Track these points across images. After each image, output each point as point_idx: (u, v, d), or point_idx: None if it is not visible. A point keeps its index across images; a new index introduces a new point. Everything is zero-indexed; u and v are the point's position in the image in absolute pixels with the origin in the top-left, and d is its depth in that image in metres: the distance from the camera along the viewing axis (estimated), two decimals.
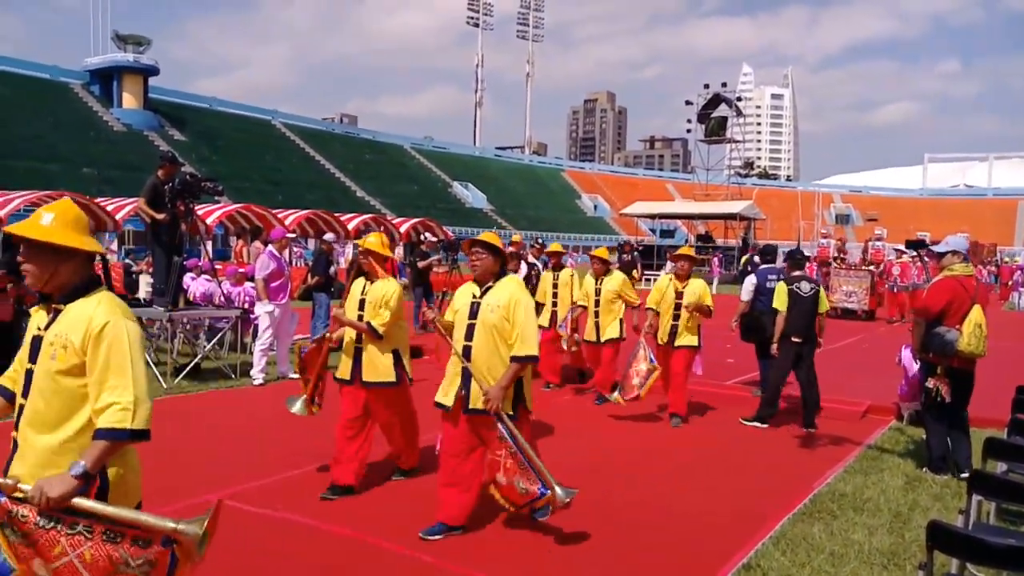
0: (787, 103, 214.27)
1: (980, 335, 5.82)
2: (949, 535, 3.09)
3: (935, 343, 5.92)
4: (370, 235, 5.67)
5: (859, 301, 18.89)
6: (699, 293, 7.70)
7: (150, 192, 9.08)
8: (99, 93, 60.12)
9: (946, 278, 6.10)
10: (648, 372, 7.39)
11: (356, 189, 68.76)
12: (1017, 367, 11.38)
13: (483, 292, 4.61)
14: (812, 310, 7.67)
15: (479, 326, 4.51)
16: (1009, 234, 75.17)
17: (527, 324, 4.47)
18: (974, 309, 5.87)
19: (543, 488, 4.28)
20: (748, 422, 7.80)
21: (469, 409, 4.52)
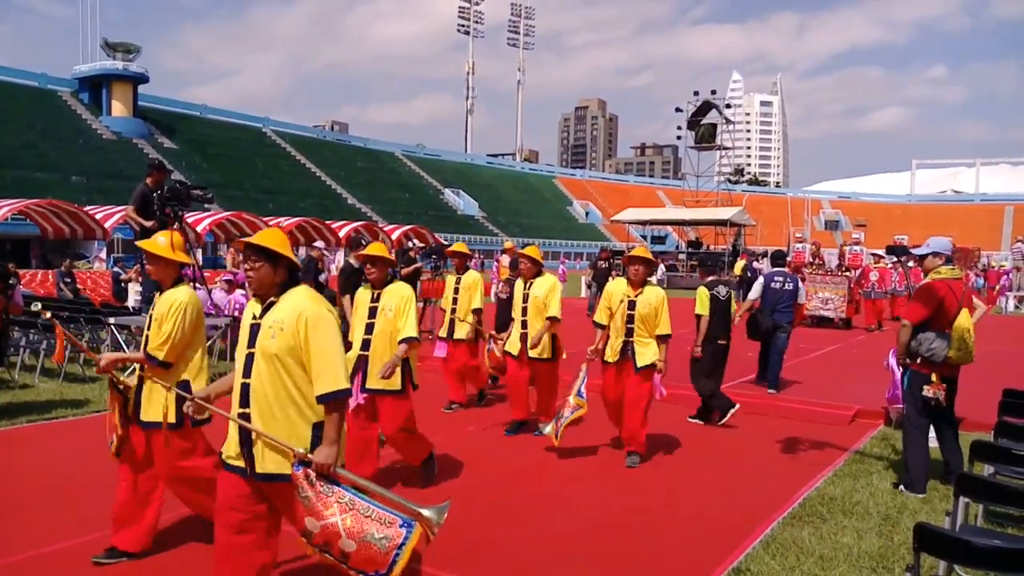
0: (776, 110, 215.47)
1: (969, 340, 5.72)
2: (936, 537, 3.10)
3: (924, 348, 5.78)
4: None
5: (836, 308, 17.70)
6: (655, 304, 6.43)
7: (139, 200, 9.07)
8: (88, 101, 60.02)
9: (934, 281, 5.92)
10: (573, 408, 6.29)
11: (347, 196, 68.73)
12: (1004, 370, 11.45)
13: (263, 311, 3.40)
14: (729, 313, 8.19)
15: (257, 356, 3.34)
16: (996, 239, 75.66)
17: (328, 352, 3.28)
18: (962, 314, 5.75)
19: (406, 521, 3.10)
20: (694, 419, 8.14)
21: (258, 474, 3.34)
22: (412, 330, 5.47)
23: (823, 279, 18.01)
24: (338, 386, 3.26)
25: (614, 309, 6.51)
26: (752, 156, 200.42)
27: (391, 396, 5.44)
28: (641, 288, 6.52)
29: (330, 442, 3.26)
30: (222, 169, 60.21)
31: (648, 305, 6.43)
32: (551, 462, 6.56)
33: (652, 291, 6.52)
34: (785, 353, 9.49)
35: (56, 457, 6.41)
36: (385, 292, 5.51)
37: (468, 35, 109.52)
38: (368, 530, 3.01)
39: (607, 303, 6.61)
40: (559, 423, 6.32)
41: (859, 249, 19.96)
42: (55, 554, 4.36)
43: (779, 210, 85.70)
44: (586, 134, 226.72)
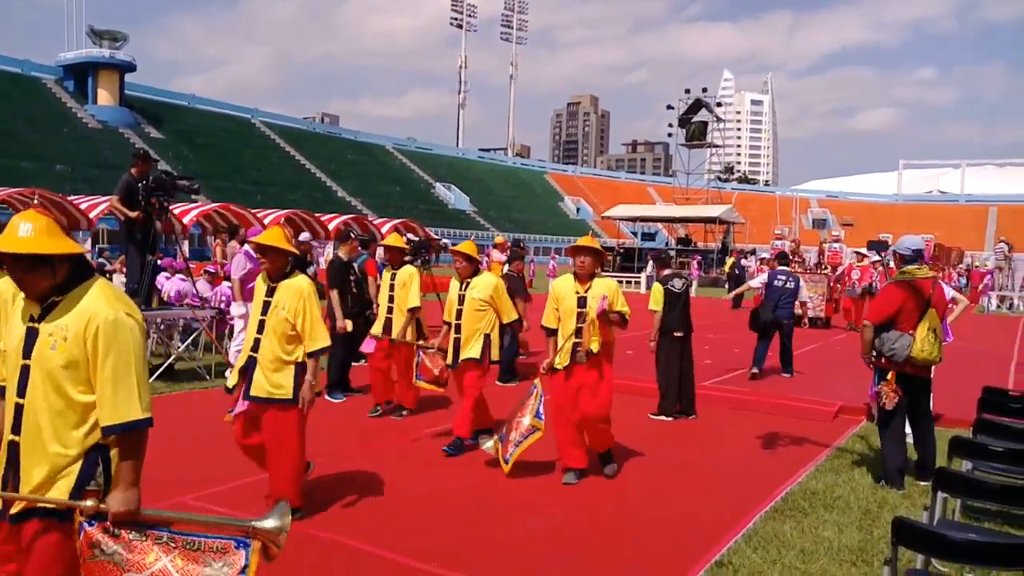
0: (767, 109, 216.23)
1: (934, 341, 5.71)
2: (913, 531, 3.13)
3: (886, 348, 5.80)
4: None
5: (815, 307, 16.85)
6: (609, 297, 5.67)
7: (124, 190, 8.99)
8: (73, 89, 59.53)
9: (899, 281, 5.96)
10: (529, 430, 5.66)
11: (337, 189, 68.52)
12: (984, 368, 11.57)
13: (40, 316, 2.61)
14: (687, 305, 8.25)
15: (33, 367, 2.59)
16: (980, 239, 76.26)
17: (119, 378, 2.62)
18: (928, 313, 5.74)
19: (240, 542, 2.61)
20: (655, 416, 8.19)
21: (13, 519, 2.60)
22: (321, 339, 4.73)
23: (802, 277, 17.80)
24: (127, 418, 2.68)
25: (562, 309, 5.77)
26: (742, 154, 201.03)
27: (276, 406, 4.68)
28: (590, 282, 5.75)
29: (127, 485, 2.67)
30: (210, 160, 59.88)
31: (599, 300, 5.61)
32: (531, 462, 6.57)
33: (602, 284, 5.75)
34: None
35: None
36: (280, 287, 4.75)
37: (461, 29, 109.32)
38: (203, 565, 2.53)
39: (554, 303, 5.83)
40: (507, 446, 5.70)
41: (838, 247, 19.50)
42: None
43: (768, 208, 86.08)
44: (578, 130, 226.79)
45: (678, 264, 36.89)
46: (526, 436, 5.63)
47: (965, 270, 29.99)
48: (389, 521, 4.87)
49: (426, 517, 4.97)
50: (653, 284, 8.37)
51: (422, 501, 5.28)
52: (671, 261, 9.15)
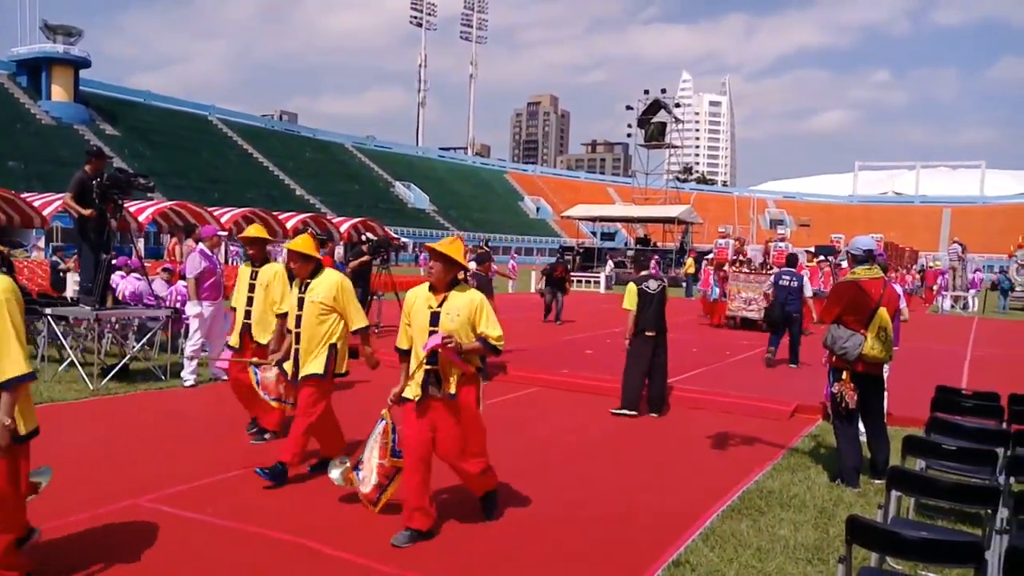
0: (725, 110, 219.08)
1: (884, 339, 5.83)
2: (867, 529, 3.19)
3: (837, 347, 5.91)
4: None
5: (759, 310, 16.14)
6: (468, 314, 4.54)
7: (77, 187, 8.79)
8: (26, 85, 58.00)
9: (844, 282, 6.12)
10: (391, 471, 4.71)
11: (296, 187, 67.74)
12: (938, 368, 11.85)
13: None
14: (661, 305, 8.40)
15: None
16: (934, 240, 78.21)
17: None
18: (878, 313, 5.85)
19: None
20: (616, 412, 8.27)
21: None
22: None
23: (746, 278, 16.72)
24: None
25: (413, 326, 4.71)
26: (701, 155, 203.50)
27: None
28: (446, 293, 4.62)
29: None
30: (166, 157, 58.77)
31: (456, 317, 4.52)
32: (493, 458, 6.55)
33: (461, 299, 4.56)
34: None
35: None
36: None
37: (420, 27, 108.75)
38: None
39: (405, 318, 4.81)
40: (372, 490, 4.74)
41: (784, 246, 18.00)
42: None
43: (726, 209, 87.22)
44: (538, 130, 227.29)
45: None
46: (390, 478, 4.71)
47: (919, 271, 30.66)
48: (343, 521, 4.81)
49: (382, 516, 4.92)
50: (628, 284, 8.52)
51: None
52: (648, 263, 9.38)
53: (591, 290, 31.88)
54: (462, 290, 4.64)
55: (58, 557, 4.13)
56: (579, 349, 12.69)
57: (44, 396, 7.83)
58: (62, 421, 7.11)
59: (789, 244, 18.26)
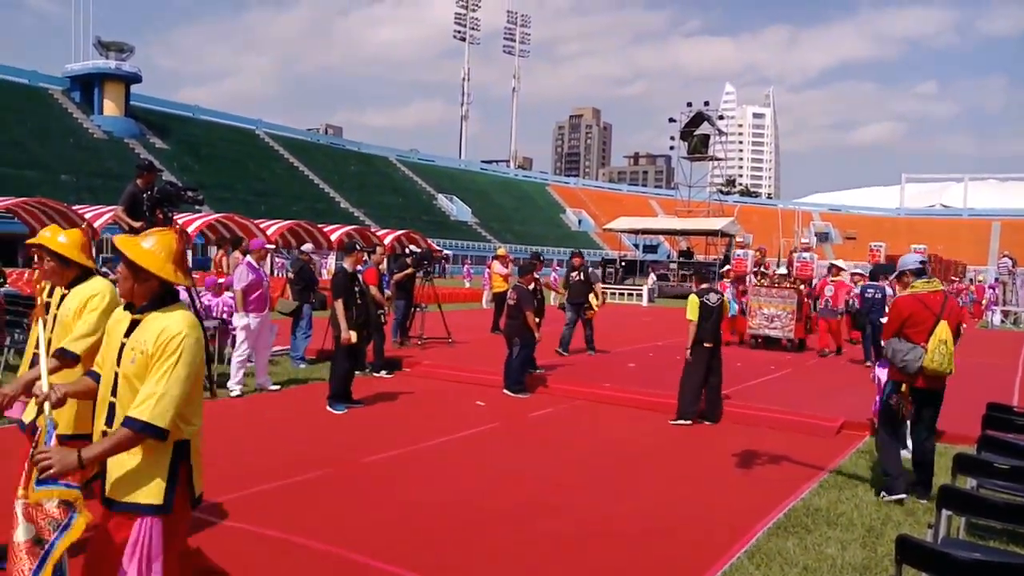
0: (768, 122, 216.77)
1: (945, 352, 5.77)
2: (918, 550, 3.12)
3: (898, 360, 5.90)
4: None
5: (783, 327, 14.76)
6: (162, 344, 2.80)
7: (128, 200, 9.02)
8: (79, 100, 59.82)
9: (903, 296, 6.12)
10: (65, 513, 2.63)
11: (340, 200, 68.65)
12: (989, 384, 11.53)
13: None
14: (720, 318, 8.63)
15: None
16: (983, 253, 76.19)
17: None
18: (939, 325, 5.81)
19: None
20: (674, 422, 8.41)
21: None
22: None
23: (768, 292, 15.08)
24: None
25: (105, 361, 3.00)
26: (744, 167, 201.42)
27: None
28: (146, 314, 2.90)
29: None
30: (214, 171, 60.04)
31: (137, 358, 2.82)
32: (530, 469, 6.56)
33: (158, 322, 2.85)
34: None
35: None
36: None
37: (464, 41, 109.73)
38: None
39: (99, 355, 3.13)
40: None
41: (808, 257, 16.38)
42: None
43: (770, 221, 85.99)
44: (580, 142, 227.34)
45: (680, 277, 37.21)
46: (65, 525, 2.60)
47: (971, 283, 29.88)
48: (385, 532, 4.85)
49: (425, 527, 4.95)
50: (690, 296, 8.70)
51: (420, 511, 5.25)
52: (709, 276, 9.46)
53: (633, 303, 31.70)
54: (169, 311, 2.90)
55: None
56: (622, 362, 12.61)
57: None
58: None
59: (815, 255, 16.86)
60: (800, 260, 16.17)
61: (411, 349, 12.56)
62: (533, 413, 8.80)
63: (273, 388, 9.36)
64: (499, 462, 6.73)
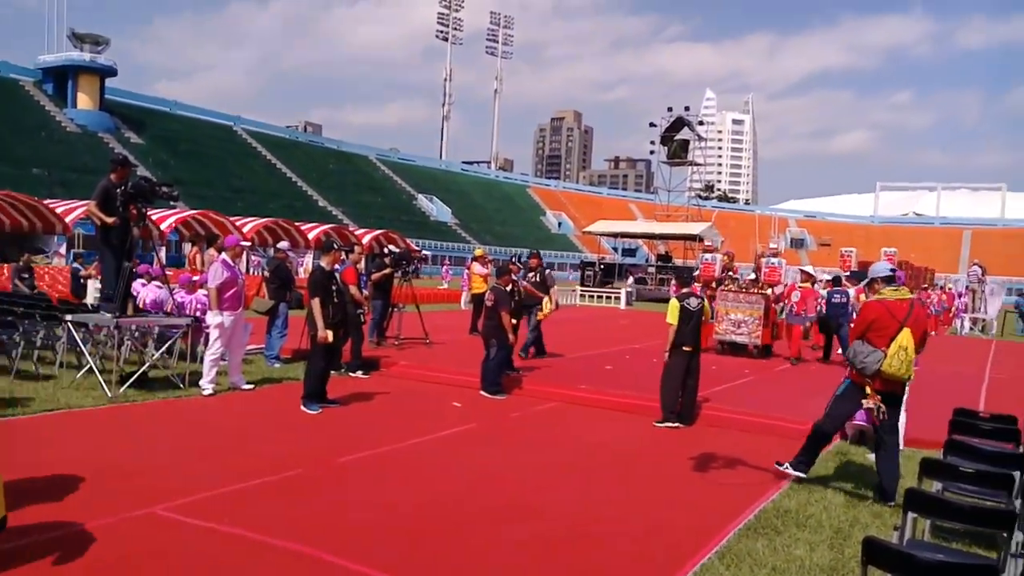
0: (747, 128, 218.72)
1: (904, 358, 5.91)
2: (884, 551, 3.16)
3: (857, 361, 6.09)
4: None
5: (750, 333, 14.54)
6: None
7: (101, 195, 8.92)
8: (52, 92, 58.86)
9: (871, 301, 6.31)
10: None
11: (319, 198, 68.22)
12: (956, 390, 11.71)
13: None
14: (699, 323, 8.67)
15: None
16: (954, 261, 77.31)
17: None
18: (902, 332, 5.94)
19: None
20: (659, 424, 8.52)
21: None
22: None
23: (735, 297, 14.85)
24: None
25: None
26: (723, 173, 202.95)
27: None
28: None
29: None
30: (190, 167, 59.39)
31: None
32: (506, 471, 6.57)
33: None
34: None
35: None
36: None
37: (446, 41, 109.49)
38: None
39: None
40: None
41: (776, 262, 15.96)
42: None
43: (747, 227, 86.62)
44: (561, 145, 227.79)
45: (658, 281, 37.41)
46: None
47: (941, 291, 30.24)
48: (361, 533, 4.83)
49: (400, 529, 4.94)
50: (671, 300, 8.77)
51: (396, 513, 5.24)
52: (691, 280, 9.54)
53: (611, 305, 31.82)
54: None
55: (73, 565, 4.17)
56: (598, 364, 12.66)
57: (62, 403, 7.93)
58: (79, 428, 7.20)
59: (783, 260, 16.51)
60: (768, 265, 15.73)
61: (388, 349, 12.52)
62: (510, 414, 8.81)
63: (247, 387, 9.29)
64: (475, 463, 6.73)
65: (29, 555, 4.16)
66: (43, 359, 9.93)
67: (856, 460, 7.33)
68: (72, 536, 4.46)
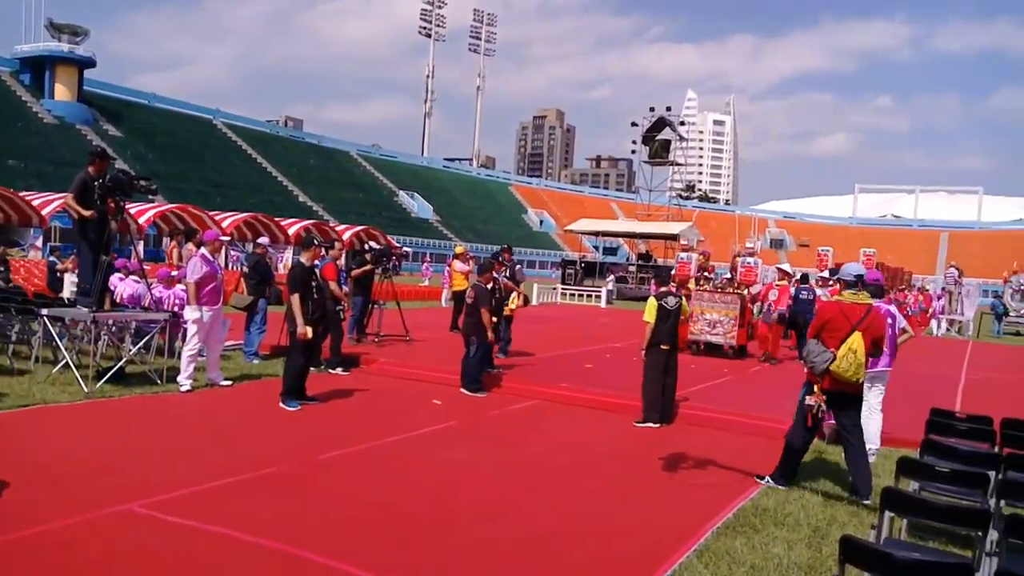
0: (728, 129, 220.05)
1: (852, 360, 6.01)
2: (861, 550, 3.19)
3: (808, 360, 6.22)
4: None
5: (725, 334, 14.38)
6: None
7: (79, 187, 8.80)
8: (29, 83, 58.07)
9: (827, 302, 6.47)
10: None
11: (299, 194, 67.82)
12: (933, 390, 11.84)
13: None
14: (676, 321, 8.72)
15: None
16: (931, 263, 78.30)
17: None
18: (852, 335, 6.05)
19: None
20: (640, 424, 8.49)
21: None
22: None
23: (711, 297, 14.73)
24: None
25: None
26: (703, 173, 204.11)
27: None
28: None
29: None
30: (169, 160, 58.83)
31: None
32: (486, 468, 6.57)
33: None
34: None
35: None
36: None
37: (429, 38, 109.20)
38: None
39: None
40: None
41: (752, 262, 15.63)
42: None
43: (727, 227, 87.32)
44: (543, 143, 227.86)
45: (638, 280, 37.55)
46: None
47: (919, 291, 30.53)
48: (340, 531, 4.80)
49: (379, 527, 4.92)
50: (649, 298, 8.79)
51: (374, 511, 5.22)
52: (669, 279, 9.56)
53: (592, 304, 31.89)
54: None
55: (50, 562, 4.12)
56: (578, 363, 12.68)
57: (37, 398, 7.82)
58: (55, 424, 7.10)
59: (759, 259, 16.28)
60: (744, 264, 15.41)
61: (368, 346, 12.46)
62: (490, 412, 8.80)
63: (225, 383, 9.21)
64: (455, 461, 6.72)
65: (3, 554, 4.10)
66: (18, 353, 9.79)
67: (833, 460, 7.38)
68: (48, 534, 4.39)
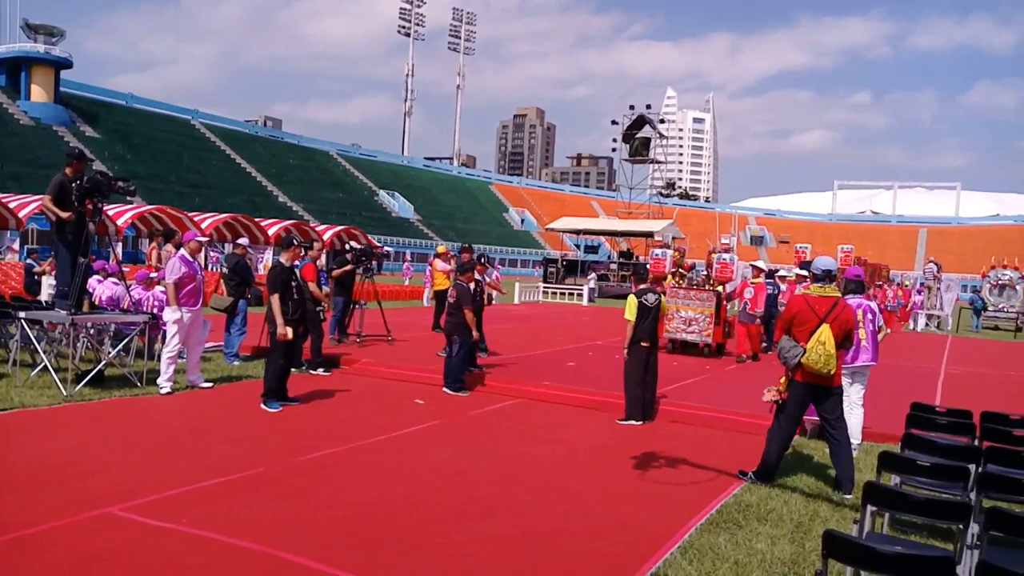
0: (708, 127, 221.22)
1: (822, 352, 6.08)
2: (843, 544, 3.21)
3: (781, 355, 6.30)
4: None
5: (701, 332, 14.13)
6: None
7: (56, 189, 8.70)
8: (5, 84, 57.37)
9: (794, 296, 6.52)
10: None
11: (278, 194, 67.39)
12: (913, 385, 11.96)
13: None
14: (656, 319, 8.70)
15: None
16: (910, 259, 79.16)
17: None
18: (821, 328, 6.12)
19: None
20: (622, 421, 8.53)
21: None
22: None
23: (686, 295, 14.40)
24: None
25: None
26: (684, 171, 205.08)
27: None
28: None
29: None
30: (147, 161, 58.28)
31: None
32: (469, 468, 6.55)
33: None
34: None
35: None
36: None
37: (408, 37, 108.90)
38: None
39: None
40: None
41: (728, 258, 15.32)
42: None
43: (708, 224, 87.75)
44: (524, 142, 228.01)
45: (620, 278, 37.66)
46: None
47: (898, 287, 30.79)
48: (322, 532, 4.78)
49: (362, 528, 4.89)
50: (629, 296, 8.77)
51: (357, 511, 5.20)
52: (648, 276, 9.60)
53: (573, 302, 31.94)
54: None
55: (29, 567, 4.06)
56: (561, 361, 12.69)
57: (15, 402, 7.72)
58: (34, 427, 7.01)
59: (735, 256, 16.04)
60: (720, 261, 15.09)
61: (349, 346, 12.41)
62: (472, 412, 8.79)
63: (205, 385, 9.14)
64: (438, 461, 6.70)
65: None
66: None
67: (815, 455, 7.44)
68: (27, 538, 4.34)
